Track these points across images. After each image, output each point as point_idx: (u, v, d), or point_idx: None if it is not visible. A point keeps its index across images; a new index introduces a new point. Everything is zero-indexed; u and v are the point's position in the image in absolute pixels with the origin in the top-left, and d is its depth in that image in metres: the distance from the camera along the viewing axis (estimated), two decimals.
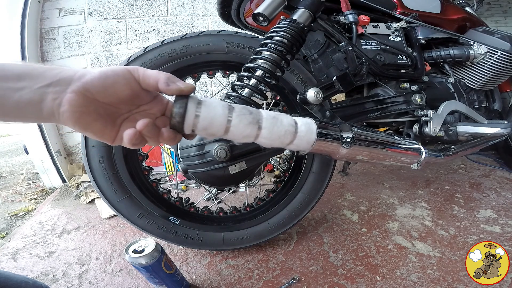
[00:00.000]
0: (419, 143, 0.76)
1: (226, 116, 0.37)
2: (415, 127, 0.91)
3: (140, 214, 0.78)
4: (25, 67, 0.29)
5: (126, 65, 0.73)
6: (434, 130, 0.86)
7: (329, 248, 0.90)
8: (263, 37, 0.71)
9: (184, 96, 0.35)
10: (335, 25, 0.84)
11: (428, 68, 0.94)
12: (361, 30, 0.85)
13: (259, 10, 0.68)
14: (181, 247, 0.93)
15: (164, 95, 0.37)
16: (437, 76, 1.00)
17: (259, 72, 0.65)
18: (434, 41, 0.98)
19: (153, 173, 0.86)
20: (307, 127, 0.46)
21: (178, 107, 0.34)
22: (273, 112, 0.43)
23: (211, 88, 1.79)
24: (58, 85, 0.29)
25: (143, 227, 0.79)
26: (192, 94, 0.36)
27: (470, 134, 0.89)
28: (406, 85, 0.88)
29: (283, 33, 0.66)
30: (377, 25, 0.90)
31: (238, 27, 1.00)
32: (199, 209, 0.91)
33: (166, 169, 1.59)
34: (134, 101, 0.34)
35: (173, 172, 1.44)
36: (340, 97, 1.32)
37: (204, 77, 0.85)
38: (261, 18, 0.69)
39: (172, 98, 0.36)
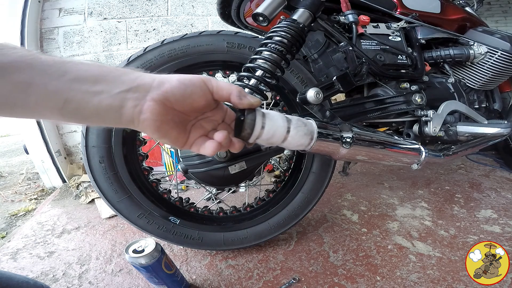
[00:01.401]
0: (419, 143, 0.76)
1: (286, 128, 0.41)
2: (415, 127, 0.91)
3: (140, 214, 0.78)
4: (100, 69, 0.29)
5: (126, 65, 0.73)
6: (434, 130, 0.86)
7: (329, 248, 0.90)
8: (263, 37, 0.71)
9: (252, 109, 0.37)
10: (335, 25, 0.84)
11: (428, 68, 0.94)
12: (361, 30, 0.85)
13: (259, 10, 0.68)
14: (181, 247, 0.93)
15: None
16: (437, 76, 1.00)
17: (259, 72, 0.65)
18: (434, 41, 0.98)
19: (153, 173, 0.86)
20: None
21: (250, 119, 0.37)
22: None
23: None
24: (138, 91, 0.29)
25: (143, 227, 0.79)
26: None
27: (470, 134, 0.89)
28: (406, 85, 0.88)
29: (283, 33, 0.66)
30: (377, 25, 0.90)
31: (238, 27, 1.00)
32: (199, 209, 0.91)
33: (166, 169, 1.59)
34: (205, 109, 0.35)
35: (173, 172, 1.44)
36: (340, 97, 1.32)
37: None
38: (261, 18, 0.69)
39: None
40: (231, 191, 1.36)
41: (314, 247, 0.91)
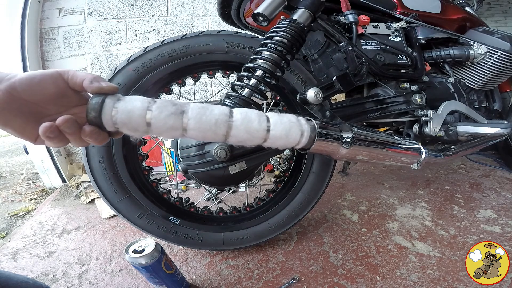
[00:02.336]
0: (419, 143, 0.76)
1: (145, 109, 0.36)
2: (415, 127, 0.91)
3: (140, 214, 0.78)
4: None
5: (126, 65, 0.73)
6: (434, 130, 0.86)
7: (329, 248, 0.90)
8: (263, 37, 0.71)
9: (102, 94, 0.35)
10: (335, 25, 0.84)
11: (428, 68, 0.94)
12: (361, 30, 0.85)
13: (259, 10, 0.68)
14: (181, 247, 0.93)
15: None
16: (437, 76, 1.00)
17: (259, 72, 0.65)
18: (434, 41, 0.98)
19: (153, 173, 0.86)
20: (243, 115, 0.42)
21: (94, 102, 0.34)
22: (203, 103, 0.41)
23: (211, 88, 1.79)
24: None
25: (143, 227, 0.79)
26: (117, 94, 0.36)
27: (470, 134, 0.89)
28: (406, 85, 0.88)
29: (283, 33, 0.66)
30: (377, 25, 0.90)
31: (238, 27, 1.00)
32: (199, 209, 0.91)
33: (166, 169, 1.59)
34: (62, 101, 0.35)
35: (173, 172, 1.43)
36: (340, 97, 1.32)
37: (204, 77, 0.85)
38: (261, 18, 0.69)
39: None
40: (231, 191, 1.36)
41: (314, 247, 0.91)
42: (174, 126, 0.38)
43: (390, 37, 0.90)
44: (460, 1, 1.13)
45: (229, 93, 0.66)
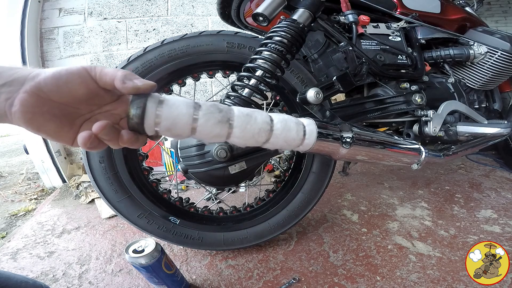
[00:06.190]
0: (419, 143, 0.76)
1: (191, 115, 0.34)
2: (415, 127, 0.91)
3: (140, 214, 0.78)
4: None
5: (126, 65, 0.73)
6: (434, 130, 0.86)
7: (329, 248, 0.90)
8: (263, 37, 0.71)
9: (143, 95, 0.32)
10: (335, 25, 0.84)
11: (428, 68, 0.94)
12: (361, 30, 0.85)
13: (259, 10, 0.68)
14: (181, 247, 0.93)
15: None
16: (437, 76, 1.00)
17: (259, 72, 0.65)
18: (434, 41, 0.98)
19: (153, 173, 0.86)
20: (283, 124, 0.43)
21: (135, 108, 0.32)
22: (246, 109, 0.40)
23: (211, 88, 1.79)
24: (12, 85, 0.28)
25: (143, 227, 0.79)
26: (153, 92, 0.34)
27: (470, 134, 0.89)
28: (406, 85, 0.88)
29: (283, 33, 0.66)
30: (377, 25, 0.90)
31: (238, 27, 1.00)
32: (199, 209, 0.91)
33: (166, 169, 1.59)
34: (94, 100, 0.33)
35: (173, 172, 1.43)
36: (340, 97, 1.31)
37: (204, 77, 0.85)
38: (261, 18, 0.69)
39: None
40: (231, 191, 1.36)
41: (314, 247, 0.91)
42: (220, 134, 0.37)
43: (390, 37, 0.90)
44: (460, 1, 1.12)
45: (229, 93, 0.66)
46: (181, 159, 0.75)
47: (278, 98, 0.88)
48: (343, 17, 0.84)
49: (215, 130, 0.36)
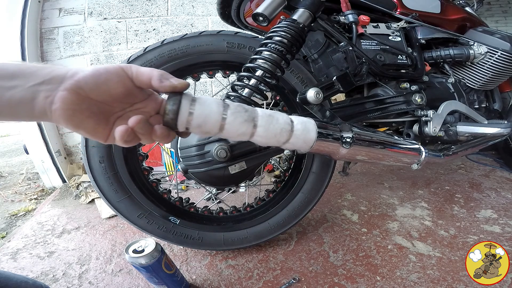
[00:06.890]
0: (419, 143, 0.76)
1: (221, 114, 0.37)
2: (415, 127, 0.91)
3: (140, 214, 0.78)
4: (19, 66, 0.29)
5: None
6: (434, 130, 0.86)
7: (329, 248, 0.90)
8: (263, 37, 0.71)
9: (177, 93, 0.35)
10: (335, 25, 0.84)
11: (428, 68, 0.94)
12: (361, 30, 0.85)
13: (259, 10, 0.68)
14: (181, 247, 0.93)
15: (158, 93, 0.37)
16: (437, 76, 1.00)
17: (259, 72, 0.65)
18: (434, 41, 0.98)
19: (153, 173, 0.86)
20: (303, 125, 0.46)
21: (171, 104, 0.34)
22: (269, 110, 0.43)
23: (211, 88, 1.79)
24: (51, 83, 0.29)
25: (143, 227, 0.79)
26: (187, 91, 0.36)
27: (470, 134, 0.89)
28: (406, 85, 0.88)
29: (283, 33, 0.66)
30: (377, 25, 0.90)
31: (238, 27, 1.00)
32: (199, 209, 0.91)
33: (166, 169, 1.59)
34: (128, 99, 0.34)
35: (173, 172, 1.43)
36: (340, 97, 1.32)
37: (204, 77, 0.85)
38: (261, 18, 0.69)
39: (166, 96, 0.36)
40: (231, 191, 1.36)
41: (314, 247, 0.91)
42: (245, 132, 0.40)
43: (390, 37, 0.90)
44: (460, 1, 1.13)
45: (229, 93, 0.66)
46: (181, 159, 0.75)
47: (278, 98, 0.88)
48: (343, 17, 0.84)
49: (241, 128, 0.39)
